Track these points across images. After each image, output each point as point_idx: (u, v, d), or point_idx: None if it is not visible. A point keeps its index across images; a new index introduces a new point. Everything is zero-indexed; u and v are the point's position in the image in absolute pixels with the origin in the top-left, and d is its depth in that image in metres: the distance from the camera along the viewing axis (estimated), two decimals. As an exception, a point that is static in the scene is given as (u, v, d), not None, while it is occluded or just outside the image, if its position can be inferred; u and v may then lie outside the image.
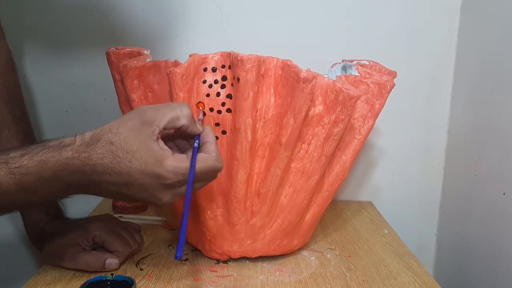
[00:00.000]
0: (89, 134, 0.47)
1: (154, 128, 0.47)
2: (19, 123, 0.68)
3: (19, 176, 0.45)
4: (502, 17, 0.76)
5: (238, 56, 0.54)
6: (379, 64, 0.69)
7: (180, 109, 0.48)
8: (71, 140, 0.47)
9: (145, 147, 0.46)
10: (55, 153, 0.46)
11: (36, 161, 0.46)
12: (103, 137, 0.47)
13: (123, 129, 0.47)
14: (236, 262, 0.67)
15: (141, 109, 0.49)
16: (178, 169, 0.47)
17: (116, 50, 0.64)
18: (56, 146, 0.47)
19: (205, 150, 0.50)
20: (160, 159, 0.46)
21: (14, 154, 0.46)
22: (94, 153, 0.46)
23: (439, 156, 0.96)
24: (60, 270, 0.63)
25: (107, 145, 0.46)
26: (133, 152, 0.46)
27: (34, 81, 0.89)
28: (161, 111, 0.48)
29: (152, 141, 0.47)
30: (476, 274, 0.81)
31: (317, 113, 0.59)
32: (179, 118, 0.48)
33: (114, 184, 0.47)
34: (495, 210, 0.76)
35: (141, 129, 0.47)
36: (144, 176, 0.47)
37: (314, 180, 0.63)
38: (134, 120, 0.47)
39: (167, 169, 0.46)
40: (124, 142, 0.46)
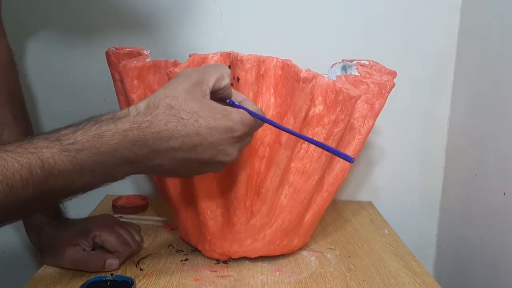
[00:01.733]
0: (143, 103, 0.46)
1: (205, 88, 0.47)
2: (20, 123, 0.67)
3: (74, 153, 0.42)
4: (502, 17, 0.76)
5: (238, 56, 0.54)
6: (379, 64, 0.69)
7: (223, 68, 0.49)
8: (124, 112, 0.45)
9: (206, 105, 0.46)
10: (110, 126, 0.43)
11: (91, 135, 0.42)
12: (161, 103, 0.45)
13: (178, 92, 0.46)
14: (236, 262, 0.67)
15: (187, 71, 0.49)
16: (245, 119, 0.48)
17: (116, 50, 0.64)
18: (110, 119, 0.44)
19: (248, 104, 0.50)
20: (226, 113, 0.47)
21: (65, 131, 0.43)
22: (155, 120, 0.44)
23: (439, 156, 0.96)
24: (60, 270, 0.63)
25: (167, 109, 0.45)
26: (197, 111, 0.45)
27: (34, 81, 0.89)
28: (207, 71, 0.48)
29: (209, 99, 0.47)
30: (476, 274, 0.81)
31: (317, 113, 0.59)
32: (224, 77, 0.49)
33: (181, 148, 0.46)
34: (495, 210, 0.76)
35: (195, 89, 0.46)
36: (214, 132, 0.46)
37: (314, 180, 0.63)
38: (185, 83, 0.47)
39: (235, 120, 0.47)
40: (185, 104, 0.45)
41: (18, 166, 0.39)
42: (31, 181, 0.40)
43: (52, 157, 0.41)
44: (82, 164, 0.42)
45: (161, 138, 0.45)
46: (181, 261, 0.67)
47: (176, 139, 0.45)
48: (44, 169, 0.40)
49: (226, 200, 0.62)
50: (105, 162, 0.43)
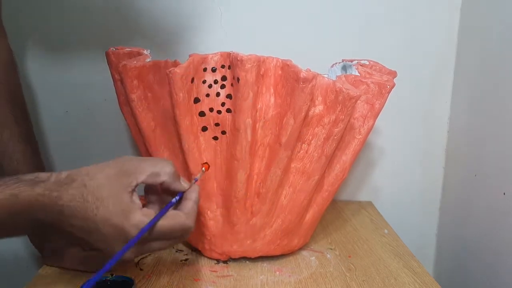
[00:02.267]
0: (65, 173, 0.46)
1: (131, 180, 0.46)
2: (21, 123, 0.68)
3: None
4: (502, 17, 0.76)
5: (238, 56, 0.54)
6: (379, 64, 0.69)
7: (161, 166, 0.48)
8: (46, 177, 0.46)
9: (116, 197, 0.45)
10: (27, 187, 0.44)
11: (8, 194, 0.44)
12: (78, 179, 0.45)
13: (100, 175, 0.46)
14: (236, 262, 0.67)
15: (123, 159, 0.48)
16: (143, 223, 0.45)
17: (115, 50, 0.64)
18: (31, 180, 0.45)
19: (180, 207, 0.49)
20: (127, 211, 0.45)
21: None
22: (65, 193, 0.45)
23: (439, 156, 0.96)
24: (60, 270, 0.63)
25: (80, 187, 0.45)
26: (102, 199, 0.45)
27: (34, 81, 0.89)
28: (142, 165, 0.47)
29: (125, 193, 0.45)
30: (476, 274, 0.81)
31: (317, 113, 0.59)
32: (159, 174, 0.48)
33: (78, 228, 0.46)
34: (495, 210, 0.76)
35: (118, 179, 0.46)
36: (107, 226, 0.45)
37: (314, 180, 0.63)
38: (113, 169, 0.46)
39: (131, 222, 0.45)
40: (97, 188, 0.45)
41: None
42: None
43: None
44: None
45: (62, 213, 0.45)
46: (181, 261, 0.67)
47: (74, 218, 0.45)
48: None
49: (226, 200, 0.62)
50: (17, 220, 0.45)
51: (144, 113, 0.61)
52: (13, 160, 0.65)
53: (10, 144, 0.66)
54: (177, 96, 0.56)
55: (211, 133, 0.60)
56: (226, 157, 0.60)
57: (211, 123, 0.59)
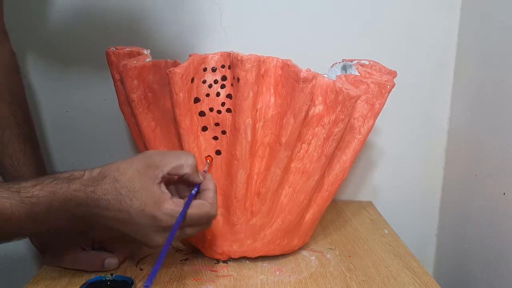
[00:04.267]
0: (97, 169, 0.50)
1: (158, 172, 0.49)
2: (22, 124, 0.68)
3: (30, 206, 0.47)
4: (502, 17, 0.76)
5: (238, 56, 0.54)
6: (379, 64, 0.69)
7: (185, 158, 0.52)
8: (80, 174, 0.50)
9: (147, 188, 0.49)
10: (64, 184, 0.48)
11: (47, 191, 0.48)
12: (109, 174, 0.49)
13: (129, 169, 0.49)
14: (236, 262, 0.67)
15: (149, 153, 0.52)
16: (175, 212, 0.49)
17: (116, 50, 0.64)
18: (66, 178, 0.49)
19: (203, 196, 0.52)
20: (159, 201, 0.49)
21: (25, 184, 0.48)
22: (99, 188, 0.48)
23: (439, 156, 0.96)
24: (60, 270, 0.63)
25: (112, 182, 0.49)
26: (135, 191, 0.48)
27: (34, 81, 0.89)
28: (167, 157, 0.51)
29: (154, 184, 0.49)
30: (476, 274, 0.81)
31: (317, 113, 0.59)
32: (183, 166, 0.51)
33: (113, 219, 0.50)
34: (495, 210, 0.76)
35: (146, 171, 0.49)
36: (141, 216, 0.49)
37: (314, 180, 0.63)
38: (141, 163, 0.50)
39: (163, 211, 0.49)
40: (128, 181, 0.49)
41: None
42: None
43: (10, 208, 0.46)
44: (35, 216, 0.48)
45: (98, 205, 0.49)
46: (181, 261, 0.67)
47: (110, 211, 0.49)
48: (1, 216, 0.46)
49: (226, 200, 0.62)
50: (55, 215, 0.49)
51: (144, 113, 0.61)
52: (13, 160, 0.65)
53: (11, 144, 0.66)
54: (177, 96, 0.56)
55: (211, 133, 0.60)
56: (226, 157, 0.60)
57: (211, 123, 0.59)
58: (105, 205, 0.49)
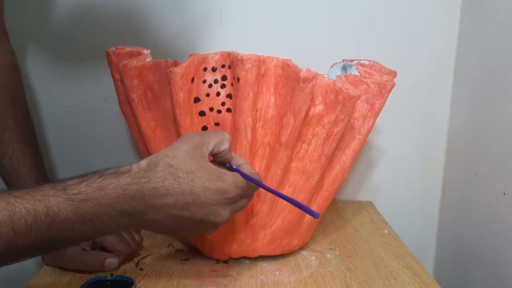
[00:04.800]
0: (144, 161, 0.49)
1: (204, 150, 0.50)
2: (22, 124, 0.68)
3: (77, 203, 0.44)
4: (502, 17, 0.76)
5: (238, 56, 0.54)
6: (379, 64, 0.69)
7: (223, 134, 0.53)
8: (127, 168, 0.48)
9: (203, 166, 0.49)
10: (112, 179, 0.46)
11: (95, 187, 0.45)
12: (160, 162, 0.48)
13: (178, 152, 0.49)
14: (236, 261, 0.67)
15: (189, 135, 0.52)
16: (238, 182, 0.50)
17: (116, 49, 0.64)
18: (113, 173, 0.47)
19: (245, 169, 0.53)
20: (220, 175, 0.49)
21: (71, 182, 0.46)
22: (153, 177, 0.47)
23: (439, 156, 0.96)
24: (60, 270, 0.63)
25: (166, 168, 0.48)
26: (193, 171, 0.48)
27: (34, 81, 0.89)
28: (208, 135, 0.52)
29: (207, 161, 0.50)
30: (476, 274, 0.81)
31: (317, 112, 0.59)
32: (223, 142, 0.52)
33: (175, 205, 0.48)
34: (495, 210, 0.76)
35: (195, 151, 0.49)
36: (207, 192, 0.48)
37: (314, 180, 0.63)
38: (187, 144, 0.50)
39: (228, 182, 0.49)
40: (183, 164, 0.48)
41: (25, 211, 0.42)
42: (35, 227, 0.42)
43: (57, 205, 0.43)
44: (83, 214, 0.45)
45: (157, 194, 0.47)
46: (181, 261, 0.67)
47: (171, 196, 0.47)
48: (48, 216, 0.43)
49: (226, 200, 0.62)
50: (105, 213, 0.46)
51: (144, 113, 0.61)
52: (13, 160, 0.65)
53: (11, 145, 0.66)
54: (177, 95, 0.56)
55: (211, 132, 0.60)
56: (226, 156, 0.60)
57: (211, 122, 0.59)
58: (165, 192, 0.47)
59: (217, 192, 0.49)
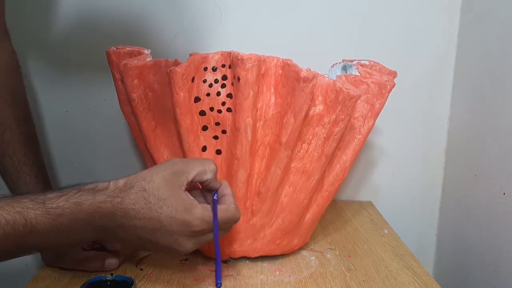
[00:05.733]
0: (122, 180, 0.50)
1: (183, 179, 0.51)
2: (22, 124, 0.68)
3: (55, 217, 0.46)
4: (502, 17, 0.76)
5: (238, 56, 0.54)
6: (379, 64, 0.69)
7: (208, 164, 0.53)
8: (104, 185, 0.49)
9: (176, 195, 0.49)
10: (89, 196, 0.48)
11: (72, 202, 0.47)
12: (136, 184, 0.49)
13: (156, 178, 0.50)
14: (236, 262, 0.67)
15: (173, 161, 0.53)
16: (205, 217, 0.50)
17: (116, 49, 0.64)
18: (91, 190, 0.49)
19: (225, 201, 0.54)
20: (189, 207, 0.50)
21: (51, 195, 0.47)
22: (127, 198, 0.49)
23: (439, 156, 0.96)
24: (60, 270, 0.63)
25: (140, 191, 0.49)
26: (164, 199, 0.49)
27: (35, 81, 0.89)
28: (191, 164, 0.52)
29: (182, 191, 0.50)
30: (476, 274, 0.81)
31: (317, 112, 0.59)
32: (206, 172, 0.53)
33: (142, 229, 0.49)
34: (495, 210, 0.76)
35: (173, 179, 0.50)
36: (173, 222, 0.49)
37: (314, 180, 0.63)
38: (166, 171, 0.51)
39: (195, 216, 0.50)
40: (157, 190, 0.49)
41: (4, 222, 0.44)
42: (12, 236, 0.45)
43: (35, 218, 0.46)
44: (59, 226, 0.47)
45: (127, 215, 0.49)
46: (181, 261, 0.67)
47: (139, 220, 0.49)
48: (26, 227, 0.45)
49: (226, 199, 0.62)
50: (79, 227, 0.48)
51: (145, 113, 0.61)
52: (14, 160, 0.65)
53: (11, 145, 0.66)
54: (177, 95, 0.56)
55: (211, 132, 0.60)
56: (227, 156, 0.60)
57: (211, 122, 0.59)
58: (134, 215, 0.49)
59: (182, 223, 0.49)
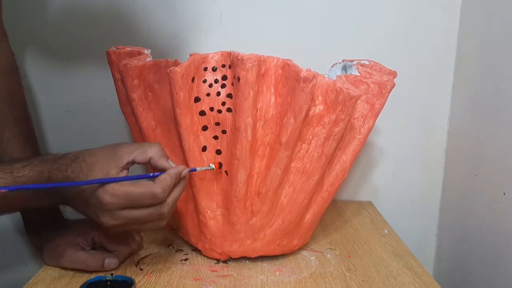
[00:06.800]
0: (74, 152, 0.54)
1: (123, 158, 0.53)
2: (21, 124, 0.68)
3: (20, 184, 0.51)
4: (502, 17, 0.76)
5: (238, 56, 0.54)
6: (379, 64, 0.69)
7: (149, 145, 0.55)
8: (61, 155, 0.54)
9: (104, 169, 0.52)
10: (49, 164, 0.53)
11: (36, 171, 0.52)
12: (80, 156, 0.53)
13: (98, 153, 0.53)
14: (236, 262, 0.67)
15: (120, 143, 0.56)
16: (116, 191, 0.51)
17: (116, 49, 0.64)
18: (51, 159, 0.53)
19: (156, 179, 0.53)
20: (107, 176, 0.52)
21: (18, 165, 0.52)
22: (70, 167, 0.52)
23: (439, 156, 0.96)
24: (60, 270, 0.63)
25: (80, 162, 0.52)
26: (95, 171, 0.52)
27: (34, 81, 0.89)
28: (133, 145, 0.55)
29: (115, 168, 0.52)
30: (476, 274, 0.81)
31: (317, 112, 0.59)
32: (146, 152, 0.54)
33: (75, 198, 0.53)
34: (495, 210, 0.76)
35: (112, 155, 0.53)
36: (89, 194, 0.52)
37: (314, 180, 0.63)
38: (109, 149, 0.54)
39: (106, 189, 0.51)
40: (94, 163, 0.52)
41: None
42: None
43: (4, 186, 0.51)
44: (24, 193, 0.52)
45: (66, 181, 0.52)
46: (181, 261, 0.67)
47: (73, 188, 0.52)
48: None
49: (226, 199, 0.62)
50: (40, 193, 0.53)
51: (145, 113, 0.61)
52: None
53: (10, 145, 0.66)
54: (177, 95, 0.56)
55: (211, 132, 0.60)
56: (227, 156, 0.60)
57: (211, 122, 0.59)
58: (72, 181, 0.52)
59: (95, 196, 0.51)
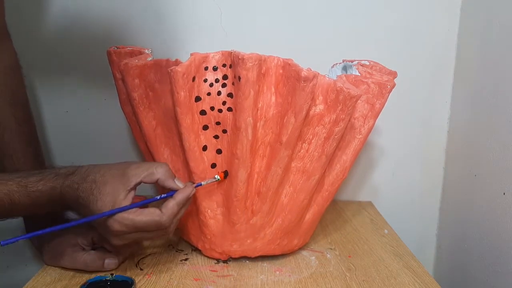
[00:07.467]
0: (85, 167, 0.56)
1: (131, 180, 0.54)
2: (23, 124, 0.68)
3: (34, 198, 0.55)
4: (502, 17, 0.76)
5: (239, 55, 0.54)
6: (379, 64, 0.69)
7: (155, 167, 0.56)
8: (73, 170, 0.56)
9: (114, 194, 0.53)
10: (61, 180, 0.55)
11: (49, 186, 0.55)
12: (91, 175, 0.54)
13: (107, 174, 0.54)
14: (236, 261, 0.67)
15: (129, 162, 0.57)
16: (124, 219, 0.53)
17: (117, 49, 0.64)
18: (64, 174, 0.56)
19: (163, 205, 0.55)
20: (116, 205, 0.53)
21: (32, 179, 0.55)
22: (81, 186, 0.54)
23: (439, 156, 0.96)
24: (60, 270, 0.63)
25: (90, 182, 0.54)
26: (103, 195, 0.53)
27: (34, 81, 0.88)
28: (140, 167, 0.56)
29: (123, 191, 0.54)
30: (476, 274, 0.81)
31: (317, 112, 0.59)
32: (154, 173, 0.55)
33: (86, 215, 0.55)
34: (495, 210, 0.76)
35: (120, 178, 0.54)
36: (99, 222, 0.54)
37: (315, 180, 0.63)
38: (119, 170, 0.55)
39: (114, 218, 0.53)
40: (103, 184, 0.53)
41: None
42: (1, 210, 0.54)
43: (18, 198, 0.54)
44: (38, 204, 0.55)
45: (77, 202, 0.55)
46: (181, 261, 0.67)
47: (84, 207, 0.54)
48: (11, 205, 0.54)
49: (227, 199, 0.62)
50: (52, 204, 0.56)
51: (145, 112, 0.61)
52: (14, 160, 0.65)
53: (11, 145, 0.66)
54: (178, 94, 0.56)
55: (212, 131, 0.60)
56: (227, 156, 0.60)
57: (212, 121, 0.59)
58: (81, 202, 0.54)
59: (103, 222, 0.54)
